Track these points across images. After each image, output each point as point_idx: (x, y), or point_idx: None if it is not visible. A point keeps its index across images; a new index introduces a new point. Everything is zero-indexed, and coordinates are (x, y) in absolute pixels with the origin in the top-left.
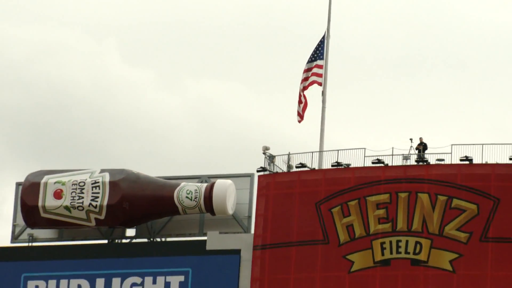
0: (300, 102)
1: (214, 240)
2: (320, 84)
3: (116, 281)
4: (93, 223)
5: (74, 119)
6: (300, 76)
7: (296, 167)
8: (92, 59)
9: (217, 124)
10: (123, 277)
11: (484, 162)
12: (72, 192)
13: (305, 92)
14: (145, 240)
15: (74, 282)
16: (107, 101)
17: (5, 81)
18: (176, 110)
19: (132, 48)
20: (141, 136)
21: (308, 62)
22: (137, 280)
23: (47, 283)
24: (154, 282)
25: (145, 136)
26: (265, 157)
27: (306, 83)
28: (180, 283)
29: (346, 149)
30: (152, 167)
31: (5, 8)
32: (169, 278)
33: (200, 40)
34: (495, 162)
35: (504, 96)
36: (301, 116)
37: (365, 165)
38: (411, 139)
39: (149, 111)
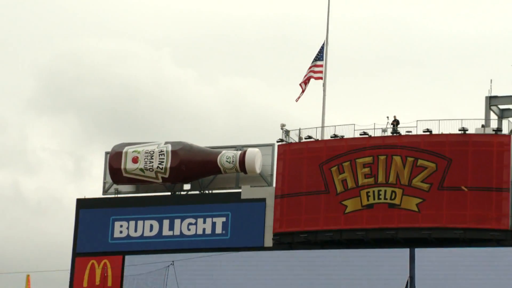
0: (302, 86)
1: (247, 192)
2: (321, 78)
3: (177, 222)
4: (160, 180)
5: (141, 106)
6: (304, 72)
7: (305, 138)
8: (152, 63)
9: (243, 109)
10: (182, 219)
11: (440, 132)
12: (145, 158)
13: (309, 85)
14: (197, 192)
15: (148, 222)
16: (164, 93)
17: (90, 79)
18: (212, 99)
19: (180, 54)
20: (189, 118)
21: (312, 61)
22: (192, 221)
23: (128, 223)
24: (204, 222)
25: (191, 117)
26: (282, 132)
27: (310, 74)
28: (223, 222)
29: (341, 125)
30: (198, 139)
31: (89, 26)
32: (214, 219)
33: (229, 47)
34: (448, 133)
35: (450, 85)
36: (298, 97)
37: (354, 137)
38: (387, 117)
39: (193, 99)
